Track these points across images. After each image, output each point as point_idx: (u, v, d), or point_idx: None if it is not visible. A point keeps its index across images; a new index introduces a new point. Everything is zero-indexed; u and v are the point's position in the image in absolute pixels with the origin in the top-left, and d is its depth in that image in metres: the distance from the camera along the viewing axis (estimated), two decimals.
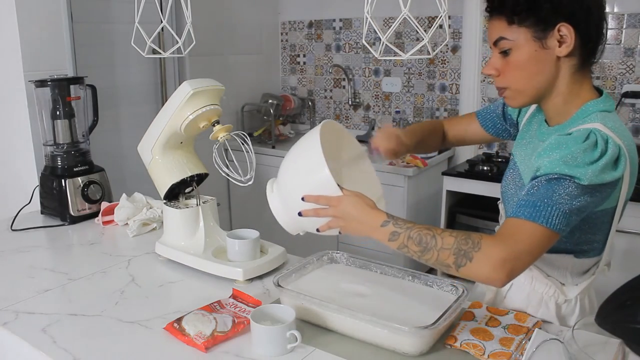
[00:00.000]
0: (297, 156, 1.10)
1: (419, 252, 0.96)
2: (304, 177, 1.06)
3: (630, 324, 0.82)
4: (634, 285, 0.89)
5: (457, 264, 0.93)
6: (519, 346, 1.01)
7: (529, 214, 0.93)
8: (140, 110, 2.88)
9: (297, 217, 1.07)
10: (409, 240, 0.97)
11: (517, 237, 0.93)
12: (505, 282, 0.93)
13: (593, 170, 0.92)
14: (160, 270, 1.41)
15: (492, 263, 0.91)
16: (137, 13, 1.41)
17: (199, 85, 1.30)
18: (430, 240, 0.95)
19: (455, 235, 0.95)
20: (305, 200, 1.04)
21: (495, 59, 1.05)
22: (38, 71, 1.85)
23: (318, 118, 3.63)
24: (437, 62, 3.10)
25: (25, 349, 1.08)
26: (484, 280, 0.94)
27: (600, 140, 0.94)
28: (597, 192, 0.95)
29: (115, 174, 2.07)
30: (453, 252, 0.93)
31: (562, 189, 0.93)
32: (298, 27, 3.61)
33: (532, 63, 1.01)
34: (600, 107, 1.02)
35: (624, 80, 2.58)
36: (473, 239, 0.93)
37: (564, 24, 0.97)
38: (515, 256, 0.92)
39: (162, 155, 1.41)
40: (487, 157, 2.81)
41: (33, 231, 1.70)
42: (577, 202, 0.93)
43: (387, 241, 0.99)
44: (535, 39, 1.00)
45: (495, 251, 0.92)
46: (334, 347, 1.03)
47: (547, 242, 0.94)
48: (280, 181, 1.11)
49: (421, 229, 0.97)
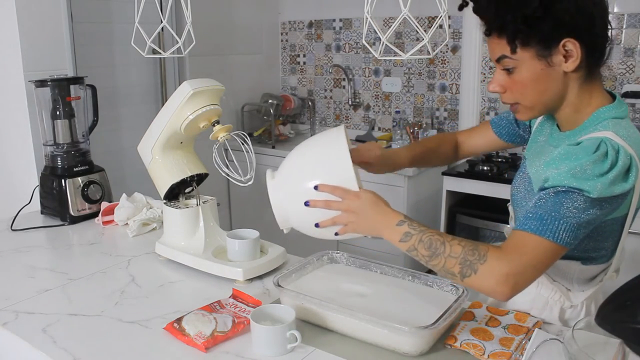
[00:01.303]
0: (315, 147, 1.10)
1: (427, 256, 0.96)
2: (321, 167, 1.06)
3: (630, 324, 0.82)
4: (634, 286, 0.89)
5: (463, 273, 0.93)
6: (519, 346, 1.01)
7: (535, 228, 0.92)
8: (140, 110, 2.88)
9: (296, 208, 1.06)
10: (419, 244, 0.96)
11: (522, 251, 0.92)
12: (509, 296, 0.92)
13: (602, 182, 0.89)
14: (160, 270, 1.41)
15: (496, 277, 0.91)
16: (137, 13, 1.41)
17: (199, 85, 1.30)
18: (439, 247, 0.95)
19: (463, 244, 0.94)
20: (318, 189, 1.02)
21: (500, 76, 1.01)
22: (38, 71, 1.85)
23: (318, 118, 3.63)
24: (437, 62, 3.10)
25: (25, 349, 1.07)
26: (488, 293, 0.94)
27: (610, 150, 0.91)
28: (607, 204, 0.93)
29: (115, 174, 2.07)
30: (459, 262, 0.93)
31: (570, 202, 0.91)
32: (298, 27, 3.61)
33: (539, 81, 0.98)
34: (612, 113, 0.99)
35: (624, 80, 2.58)
36: (480, 251, 0.93)
37: (568, 40, 0.93)
38: (520, 271, 0.91)
39: (162, 155, 1.41)
40: (487, 157, 2.81)
41: (33, 231, 1.70)
42: (585, 216, 0.91)
43: (398, 242, 0.99)
44: (539, 57, 0.96)
45: (500, 265, 0.91)
46: (334, 347, 1.03)
47: (553, 256, 0.93)
48: (289, 168, 1.09)
49: (433, 234, 0.96)
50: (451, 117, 3.10)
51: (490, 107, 2.96)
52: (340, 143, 1.04)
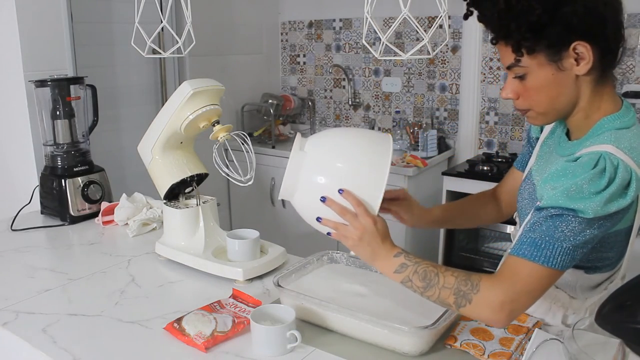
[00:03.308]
0: (359, 151, 1.05)
1: (422, 287, 0.97)
2: (357, 176, 1.02)
3: (630, 324, 0.82)
4: (633, 286, 0.89)
5: (457, 304, 0.94)
6: (519, 346, 1.01)
7: (529, 253, 0.91)
8: (140, 110, 2.88)
9: (309, 193, 1.03)
10: (414, 275, 0.97)
11: (515, 278, 0.91)
12: (506, 323, 0.93)
13: (599, 201, 0.87)
14: (160, 270, 1.41)
15: (491, 306, 0.91)
16: (137, 13, 1.41)
17: (199, 85, 1.30)
18: (433, 277, 0.96)
19: (456, 275, 0.95)
20: (342, 195, 1.01)
21: (512, 83, 0.99)
22: (38, 71, 1.85)
23: (318, 118, 3.63)
24: (437, 62, 3.10)
25: (26, 349, 1.08)
26: (485, 321, 0.96)
27: (609, 166, 0.88)
28: (605, 221, 0.91)
29: (115, 174, 2.07)
30: (453, 292, 0.94)
31: (565, 225, 0.89)
32: (298, 27, 3.61)
33: (551, 87, 0.95)
34: (616, 124, 0.96)
35: (624, 80, 2.58)
36: (472, 281, 0.93)
37: (578, 43, 0.90)
38: (514, 298, 0.91)
39: (162, 155, 1.41)
40: (487, 157, 2.81)
41: (33, 231, 1.70)
42: (581, 237, 0.89)
43: (393, 272, 0.99)
44: (549, 62, 0.93)
45: (493, 294, 0.91)
46: (334, 347, 1.03)
47: (549, 281, 0.92)
48: (324, 154, 1.05)
49: (427, 266, 0.97)
50: (451, 117, 3.10)
51: (490, 107, 2.96)
52: (386, 163, 1.01)
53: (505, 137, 2.95)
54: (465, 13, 1.00)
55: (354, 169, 1.03)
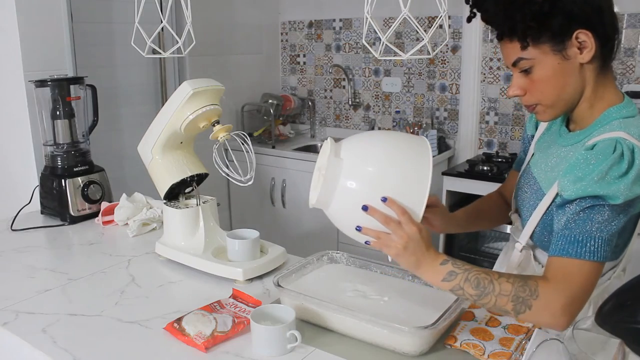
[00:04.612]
0: (402, 157, 1.00)
1: (475, 295, 0.96)
2: (402, 184, 0.98)
3: (630, 324, 0.82)
4: (633, 286, 0.89)
5: (516, 310, 0.94)
6: (519, 346, 1.01)
7: (574, 252, 0.92)
8: (140, 110, 2.88)
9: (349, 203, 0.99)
10: (465, 283, 0.96)
11: (570, 280, 0.93)
12: (567, 326, 0.93)
13: (625, 184, 0.90)
14: (160, 270, 1.41)
15: (552, 311, 0.92)
16: (137, 13, 1.41)
17: (199, 85, 1.30)
18: (488, 285, 0.95)
19: (512, 281, 0.94)
20: (386, 204, 0.96)
21: (518, 79, 1.01)
22: (38, 71, 1.85)
23: (318, 118, 3.63)
24: (437, 62, 3.10)
25: (25, 349, 1.08)
26: (545, 326, 0.96)
27: (626, 150, 0.91)
28: (630, 206, 0.94)
29: (115, 174, 2.07)
30: (511, 299, 0.94)
31: (599, 216, 0.92)
32: (298, 27, 3.60)
33: (557, 77, 0.98)
34: (622, 113, 0.99)
35: (624, 80, 2.58)
36: (530, 286, 0.93)
37: (581, 31, 0.95)
38: (574, 299, 0.92)
39: (162, 155, 1.41)
40: (487, 157, 2.81)
41: (33, 231, 1.70)
42: (615, 225, 0.93)
43: (440, 281, 0.97)
44: (554, 51, 0.96)
45: (554, 299, 0.92)
46: (334, 347, 1.03)
47: (598, 274, 0.94)
48: (365, 159, 1.00)
49: (479, 273, 0.96)
50: (451, 117, 3.10)
51: (490, 107, 2.96)
52: (428, 169, 0.98)
53: (505, 137, 2.95)
54: (469, 16, 1.04)
55: (398, 176, 0.98)
